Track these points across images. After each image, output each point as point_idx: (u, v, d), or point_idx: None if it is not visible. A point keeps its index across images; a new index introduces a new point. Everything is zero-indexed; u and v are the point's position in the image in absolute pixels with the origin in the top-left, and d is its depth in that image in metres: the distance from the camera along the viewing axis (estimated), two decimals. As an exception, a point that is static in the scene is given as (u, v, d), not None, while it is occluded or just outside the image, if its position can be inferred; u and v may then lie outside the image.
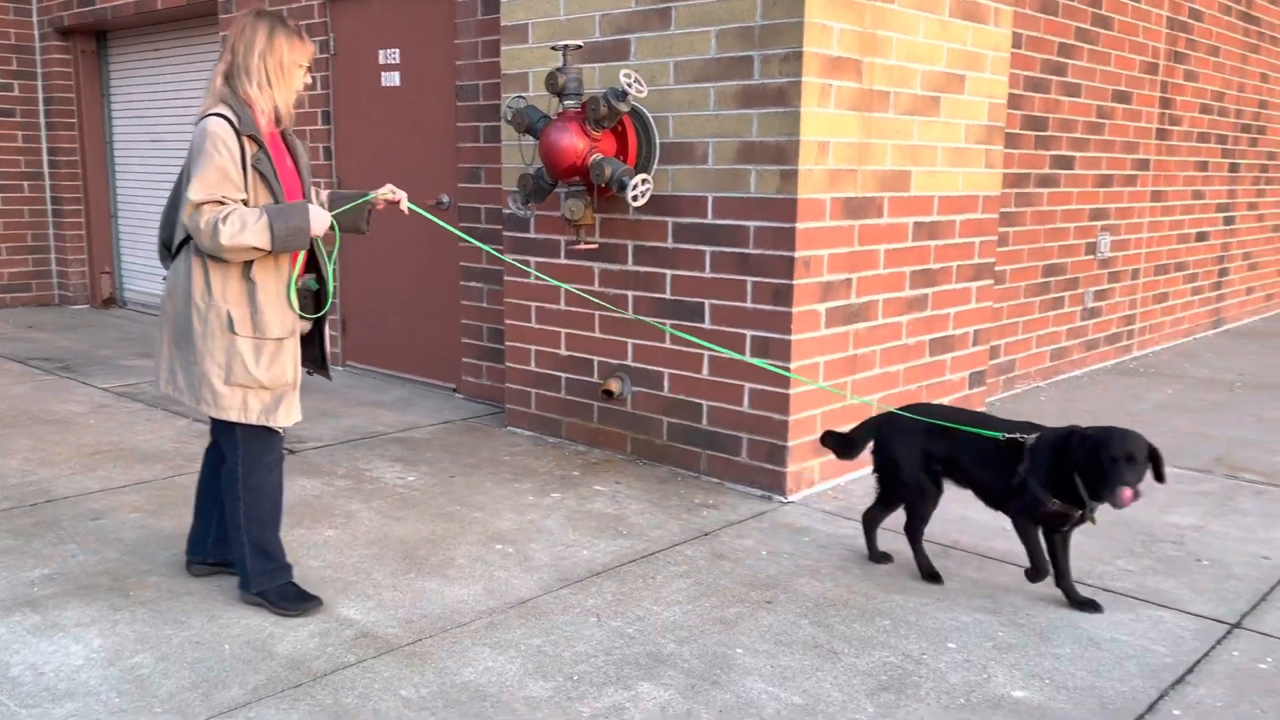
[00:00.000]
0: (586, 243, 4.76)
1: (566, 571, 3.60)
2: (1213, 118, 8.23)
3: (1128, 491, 3.04)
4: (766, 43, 4.18)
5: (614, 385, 4.83)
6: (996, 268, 5.94)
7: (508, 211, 5.22)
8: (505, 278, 5.35)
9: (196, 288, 3.06)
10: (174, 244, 3.18)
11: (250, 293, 3.07)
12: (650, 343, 4.75)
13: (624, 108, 4.27)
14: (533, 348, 5.29)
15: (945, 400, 5.16)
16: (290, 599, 3.24)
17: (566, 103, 4.51)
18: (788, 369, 4.25)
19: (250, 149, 3.03)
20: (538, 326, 5.25)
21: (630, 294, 4.80)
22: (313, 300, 3.32)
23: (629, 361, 4.85)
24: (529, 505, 4.26)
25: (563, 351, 5.15)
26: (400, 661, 2.94)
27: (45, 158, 9.41)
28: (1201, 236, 8.42)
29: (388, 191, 3.33)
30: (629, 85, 4.23)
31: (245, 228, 2.93)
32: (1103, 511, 4.24)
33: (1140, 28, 7.05)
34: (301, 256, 3.19)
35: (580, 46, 4.63)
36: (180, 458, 4.85)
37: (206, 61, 8.34)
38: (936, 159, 4.84)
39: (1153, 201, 7.59)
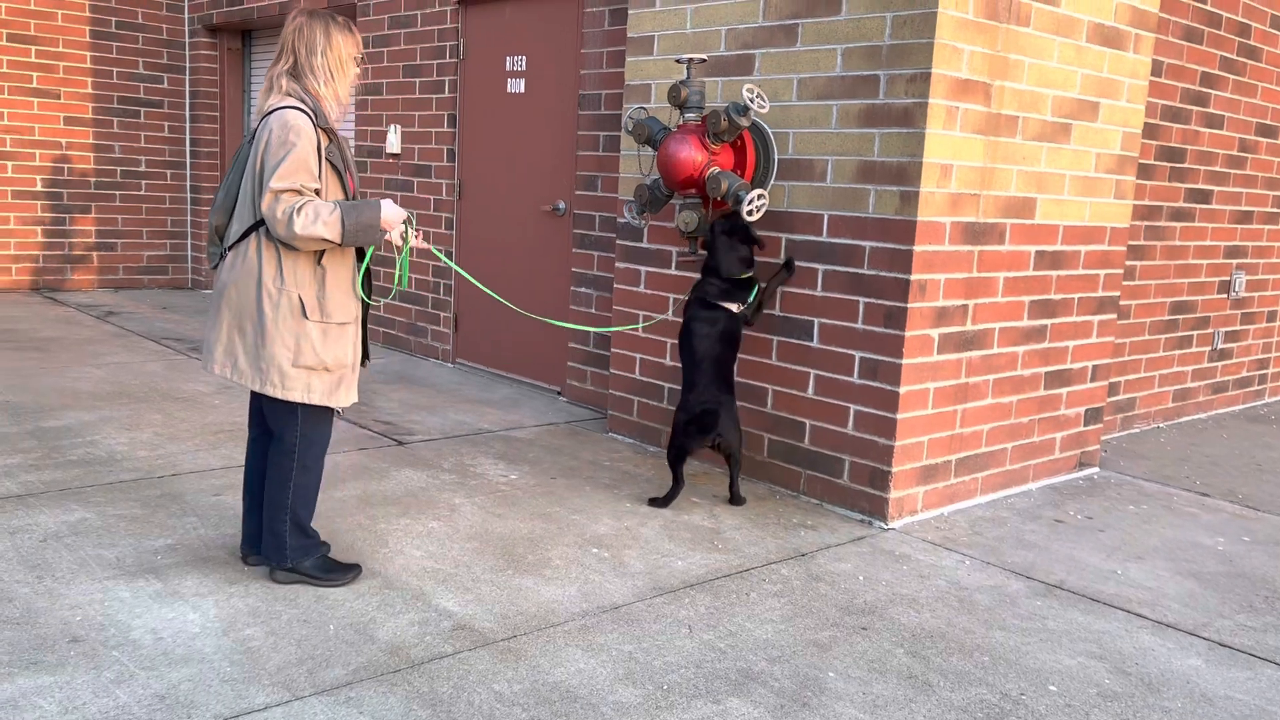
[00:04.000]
0: (699, 255, 4.78)
1: (661, 581, 3.61)
2: (1366, 156, 7.77)
3: None
4: (894, 63, 4.13)
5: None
6: (1121, 302, 5.73)
7: (622, 220, 5.28)
8: (615, 285, 5.41)
9: (268, 274, 3.18)
10: (226, 231, 3.27)
11: (321, 279, 3.22)
12: (755, 358, 4.74)
13: (744, 122, 4.28)
14: (638, 356, 5.33)
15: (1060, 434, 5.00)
16: (333, 570, 3.41)
17: (687, 115, 4.54)
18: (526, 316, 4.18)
19: (324, 141, 3.19)
20: (644, 335, 5.29)
21: (740, 308, 4.79)
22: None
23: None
24: (626, 512, 4.29)
25: (667, 361, 5.17)
26: (495, 656, 3.00)
27: (188, 148, 9.90)
28: (1346, 280, 7.95)
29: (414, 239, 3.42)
30: (751, 100, 4.24)
31: (318, 219, 3.07)
32: (1214, 560, 4.06)
33: (1291, 59, 6.72)
34: (371, 249, 3.33)
35: (704, 60, 4.65)
36: (296, 442, 5.04)
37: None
38: (1064, 187, 4.70)
39: (1294, 241, 7.22)
